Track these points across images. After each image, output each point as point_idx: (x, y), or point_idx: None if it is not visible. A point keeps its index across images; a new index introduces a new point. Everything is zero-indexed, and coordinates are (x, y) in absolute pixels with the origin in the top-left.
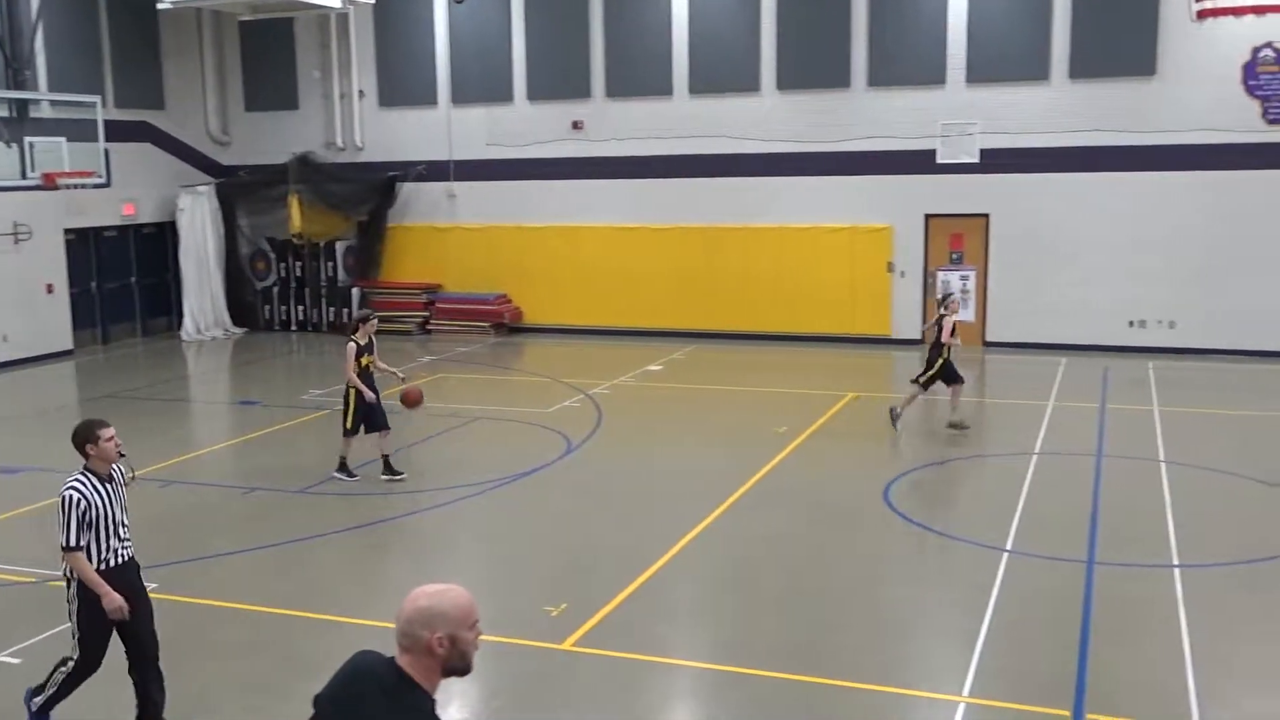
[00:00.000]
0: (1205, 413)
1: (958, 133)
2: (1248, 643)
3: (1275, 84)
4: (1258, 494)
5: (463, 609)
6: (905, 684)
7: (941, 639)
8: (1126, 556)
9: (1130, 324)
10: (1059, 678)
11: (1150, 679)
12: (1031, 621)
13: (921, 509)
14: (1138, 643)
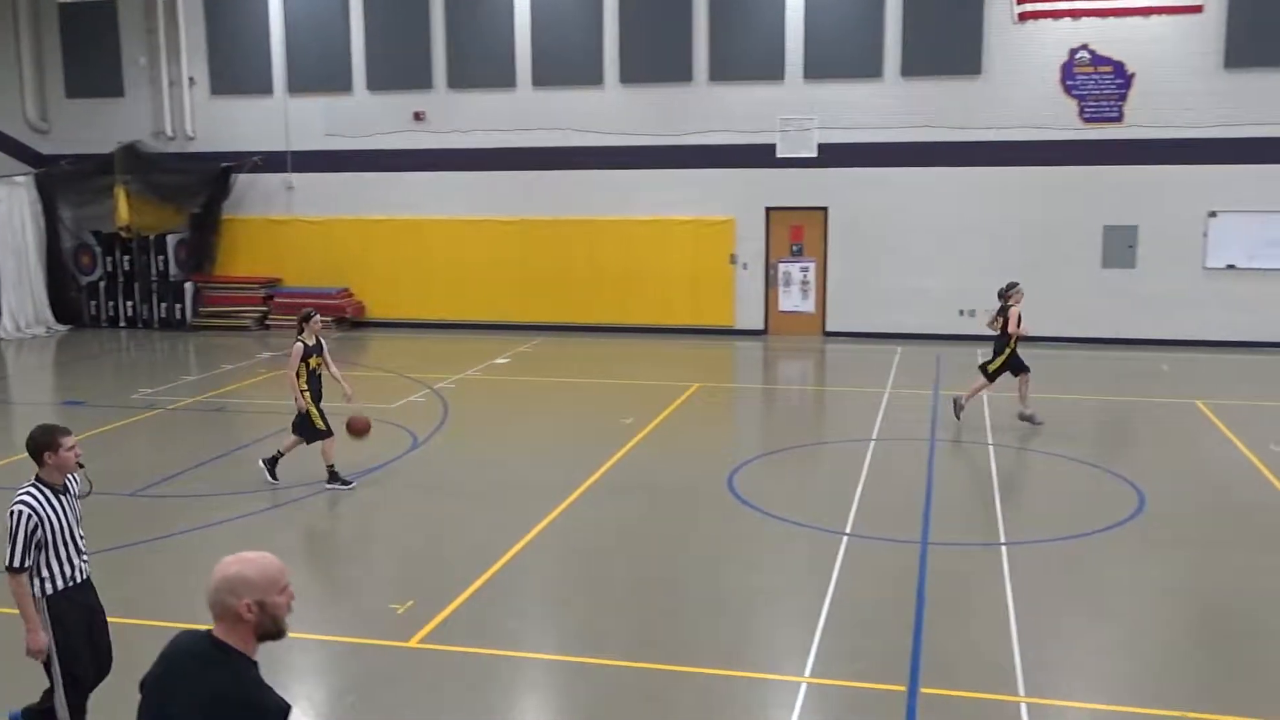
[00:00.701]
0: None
1: (796, 128)
2: (1068, 615)
3: (1091, 84)
4: (1077, 473)
5: (270, 575)
6: (749, 667)
7: (784, 622)
8: (958, 536)
9: (960, 313)
10: (896, 655)
11: (980, 653)
12: (870, 602)
13: (764, 496)
14: (968, 619)
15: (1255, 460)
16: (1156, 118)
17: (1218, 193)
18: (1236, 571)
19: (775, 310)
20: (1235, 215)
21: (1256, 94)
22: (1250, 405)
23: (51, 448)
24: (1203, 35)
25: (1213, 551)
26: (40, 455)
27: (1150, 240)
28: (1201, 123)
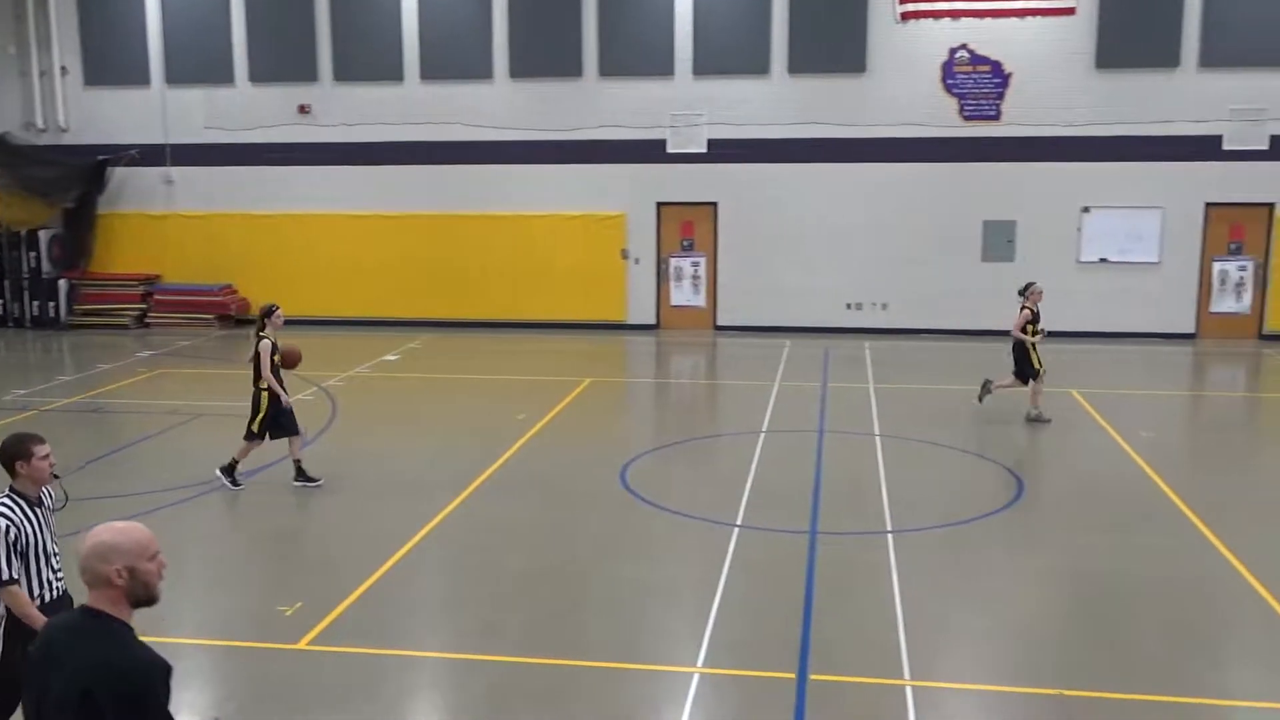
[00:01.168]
0: (913, 388)
1: (686, 123)
2: (951, 599)
3: (970, 83)
4: (959, 462)
5: (139, 542)
6: (642, 659)
7: (677, 614)
8: (845, 525)
9: (848, 306)
10: (786, 643)
11: (867, 638)
12: (760, 592)
13: (657, 489)
14: (856, 606)
15: (1126, 446)
16: (1033, 116)
17: (1090, 189)
18: (1110, 553)
19: (667, 305)
20: (1107, 211)
21: (1126, 94)
22: (1121, 394)
23: (24, 457)
24: (1075, 37)
25: (1087, 534)
26: (12, 465)
27: (1028, 235)
28: (1075, 121)
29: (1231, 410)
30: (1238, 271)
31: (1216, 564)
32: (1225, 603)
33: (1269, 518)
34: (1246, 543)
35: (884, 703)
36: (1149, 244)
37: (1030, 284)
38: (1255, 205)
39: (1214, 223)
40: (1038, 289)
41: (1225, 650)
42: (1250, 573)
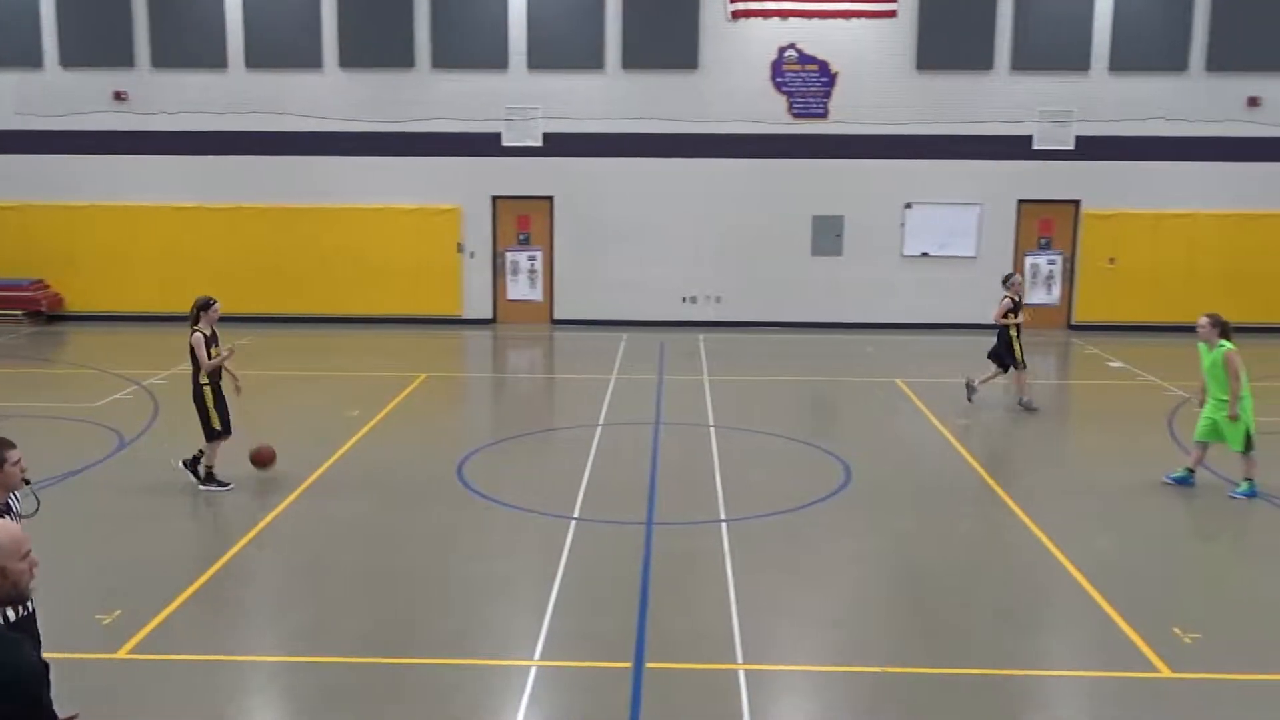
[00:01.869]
0: (746, 379)
1: (521, 116)
2: (783, 585)
3: (799, 81)
4: (790, 451)
5: (13, 539)
6: (479, 655)
7: (514, 608)
8: (681, 515)
9: (683, 300)
10: (622, 633)
11: (702, 626)
12: (597, 583)
13: (494, 484)
14: (691, 594)
15: (947, 433)
16: (858, 115)
17: (913, 186)
18: (931, 534)
19: (503, 299)
20: (928, 207)
21: (945, 94)
22: (941, 382)
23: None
24: (897, 39)
25: (910, 518)
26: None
27: (854, 230)
28: (898, 120)
29: (1042, 397)
30: (1048, 265)
31: (1029, 543)
32: (1037, 580)
33: (1075, 498)
34: (1055, 522)
35: (718, 688)
36: (967, 239)
37: (1010, 275)
38: (1063, 202)
39: (1026, 219)
40: (1017, 280)
41: (1037, 624)
42: (1060, 551)
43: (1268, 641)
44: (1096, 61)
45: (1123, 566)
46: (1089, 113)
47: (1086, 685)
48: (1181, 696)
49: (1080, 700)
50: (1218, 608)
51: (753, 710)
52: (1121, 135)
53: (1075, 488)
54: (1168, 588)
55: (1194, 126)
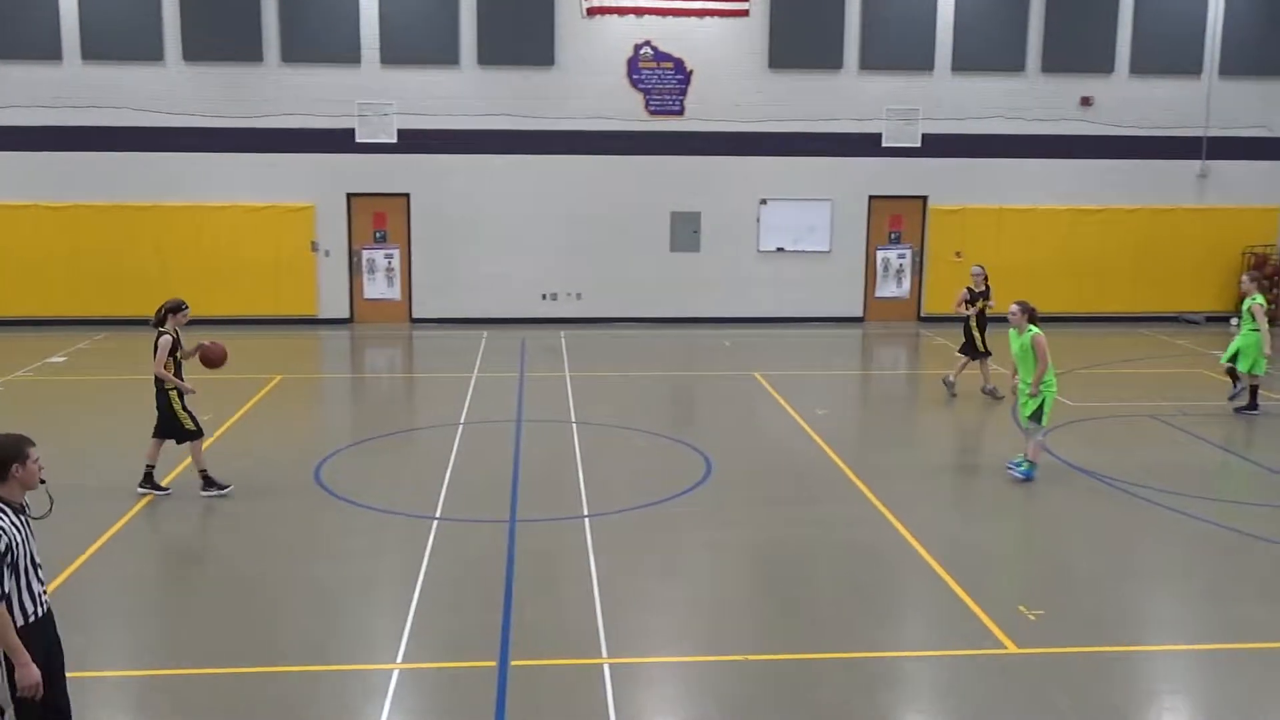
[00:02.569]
0: (607, 375)
1: (375, 113)
2: (647, 578)
3: (655, 79)
4: (652, 445)
5: None
6: (339, 660)
7: (376, 611)
8: (544, 512)
9: (544, 296)
10: (487, 632)
11: (566, 622)
12: (461, 583)
13: (353, 486)
14: (555, 590)
15: (803, 424)
16: (713, 112)
17: (767, 182)
18: (790, 523)
19: (360, 298)
20: (782, 203)
21: (797, 93)
22: (798, 375)
23: (20, 459)
24: (750, 38)
25: (770, 507)
26: (8, 468)
27: (712, 226)
28: (752, 117)
29: (895, 387)
30: (898, 259)
31: (883, 528)
32: (892, 564)
33: (928, 485)
34: (909, 509)
35: (583, 682)
36: (820, 234)
37: (975, 267)
38: (911, 198)
39: (876, 214)
40: (974, 271)
41: (892, 607)
42: (913, 537)
43: (1105, 615)
44: (940, 62)
45: (971, 548)
46: (934, 111)
47: (939, 664)
48: (1027, 671)
49: (933, 678)
50: (1060, 585)
51: (617, 703)
52: (964, 133)
53: (926, 473)
54: (1014, 568)
55: (1031, 125)
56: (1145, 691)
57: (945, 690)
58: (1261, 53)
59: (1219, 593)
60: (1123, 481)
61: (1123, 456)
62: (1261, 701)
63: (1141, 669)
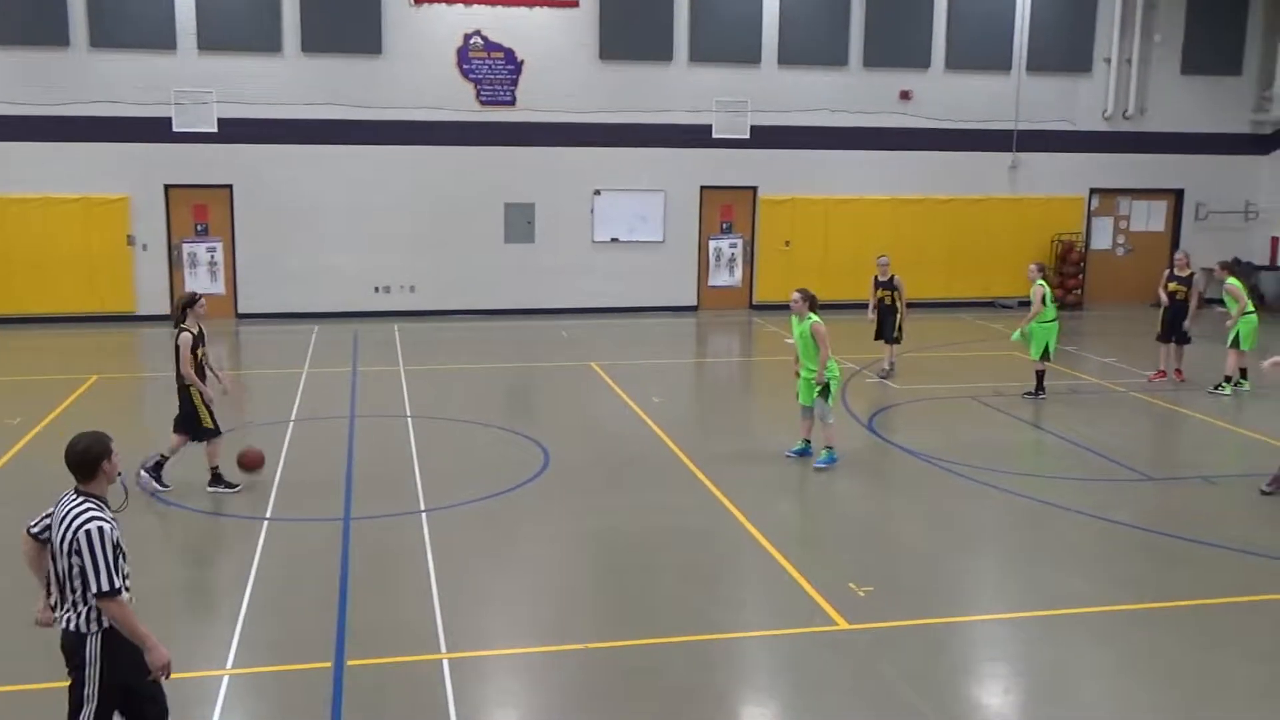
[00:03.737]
0: (443, 368)
1: (193, 100)
2: (486, 571)
3: (485, 69)
4: (489, 438)
5: None
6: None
7: (203, 617)
8: (379, 509)
9: (376, 289)
10: (321, 633)
11: (404, 619)
12: (293, 584)
13: (177, 488)
14: (392, 588)
15: (640, 412)
16: (546, 103)
17: (600, 173)
18: (628, 511)
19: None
20: (616, 193)
21: (628, 84)
22: (634, 364)
23: (109, 454)
24: (580, 28)
25: (609, 496)
26: (99, 465)
27: (546, 217)
28: (584, 109)
29: (729, 374)
30: (729, 249)
31: (720, 514)
32: (729, 549)
33: (761, 469)
34: (743, 493)
35: (422, 679)
36: (654, 224)
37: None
38: (741, 188)
39: (708, 204)
40: (879, 261)
41: (729, 589)
42: (748, 520)
43: (928, 589)
44: (767, 55)
45: (804, 530)
46: (762, 104)
47: (775, 643)
48: (857, 645)
49: (769, 657)
50: (887, 562)
51: (457, 699)
52: (792, 125)
53: (760, 458)
54: (844, 547)
55: (854, 118)
56: (967, 660)
57: (781, 668)
58: (1064, 50)
59: (1033, 562)
60: (945, 460)
61: (944, 436)
62: (1073, 664)
63: (964, 638)
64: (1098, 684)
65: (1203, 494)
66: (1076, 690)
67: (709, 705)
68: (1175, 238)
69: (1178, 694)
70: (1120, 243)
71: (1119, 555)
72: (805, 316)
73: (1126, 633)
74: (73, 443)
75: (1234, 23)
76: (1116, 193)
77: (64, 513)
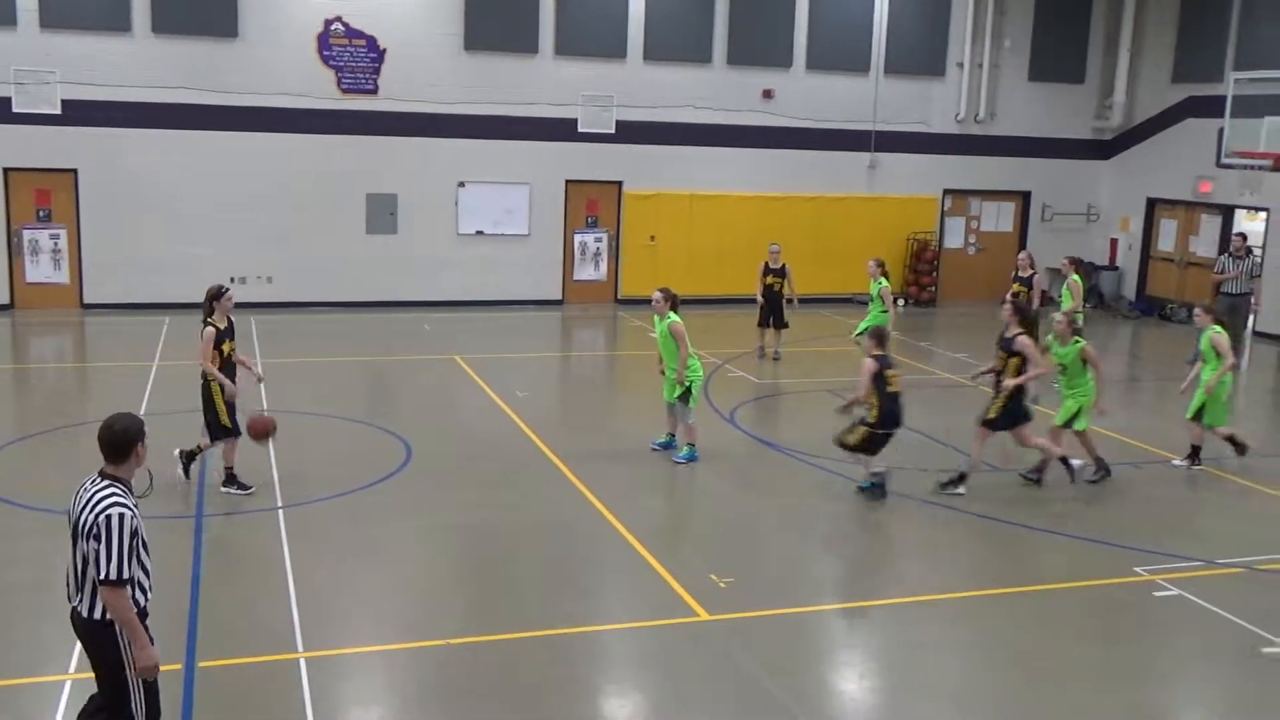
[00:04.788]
0: (302, 361)
1: (35, 80)
2: (345, 568)
3: (347, 56)
4: (349, 432)
5: None
6: (7, 674)
7: (45, 619)
8: (234, 505)
9: (232, 280)
10: (172, 633)
11: (259, 618)
12: None
13: (17, 486)
14: (246, 587)
15: (504, 406)
16: (409, 92)
17: (465, 165)
18: (491, 505)
19: (22, 282)
20: (481, 185)
21: (493, 76)
22: (499, 358)
23: (142, 437)
24: (444, 17)
25: (471, 490)
26: (132, 448)
27: (409, 208)
28: (448, 99)
29: (594, 368)
30: (595, 243)
31: (583, 508)
32: (592, 542)
33: (623, 463)
34: (606, 487)
35: (277, 679)
36: (519, 217)
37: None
38: (607, 183)
39: (574, 198)
40: (771, 248)
41: (593, 584)
42: (611, 513)
43: (785, 580)
44: (632, 51)
45: (666, 523)
46: (627, 99)
47: (636, 635)
48: (717, 635)
49: (630, 649)
50: (746, 554)
51: (314, 698)
52: (657, 121)
53: (622, 451)
54: (705, 539)
55: (718, 115)
56: (823, 647)
57: (642, 660)
58: (920, 54)
59: (885, 552)
60: (802, 453)
61: (801, 430)
62: (923, 649)
63: (819, 627)
64: (946, 668)
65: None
66: (926, 674)
67: (571, 698)
68: (1023, 238)
69: (1020, 675)
70: (971, 242)
71: (963, 543)
72: (665, 315)
73: (971, 618)
74: (109, 422)
75: (1077, 34)
76: (968, 194)
77: (88, 496)
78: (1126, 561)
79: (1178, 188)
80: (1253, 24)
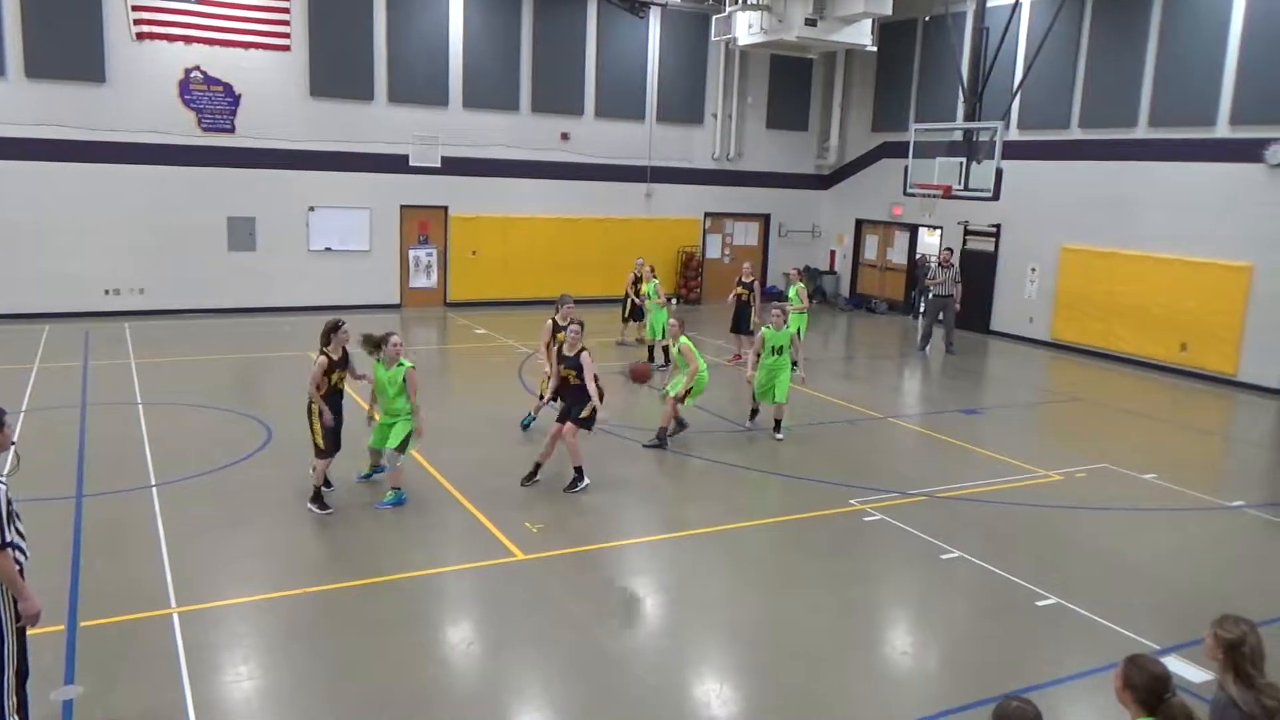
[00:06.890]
0: (174, 360)
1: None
2: (214, 534)
3: (206, 99)
4: (216, 419)
5: None
6: None
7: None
8: (111, 486)
9: (106, 292)
10: (53, 598)
11: (135, 581)
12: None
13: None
14: (123, 555)
15: (353, 393)
16: (263, 131)
17: (315, 192)
18: (346, 476)
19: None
20: (328, 210)
21: (336, 118)
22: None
23: (2, 425)
24: (292, 69)
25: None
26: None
27: (267, 229)
28: (297, 138)
29: (427, 357)
30: (426, 257)
31: (420, 474)
32: (428, 501)
33: (452, 433)
34: (439, 454)
35: (153, 631)
36: (361, 236)
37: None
38: (435, 207)
39: (407, 220)
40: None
41: (430, 535)
42: (443, 478)
43: (588, 525)
44: (454, 99)
45: (489, 484)
46: (451, 139)
47: (466, 575)
48: (530, 572)
49: (461, 587)
50: (556, 506)
51: (187, 646)
52: (476, 157)
53: (452, 424)
54: (521, 495)
55: (525, 152)
56: (617, 575)
57: (472, 596)
58: (684, 106)
59: (670, 498)
60: (603, 425)
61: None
62: (698, 570)
63: (615, 559)
64: (715, 582)
65: (759, 440)
66: (701, 589)
67: (414, 630)
68: (765, 249)
69: (771, 584)
70: (726, 253)
71: (729, 487)
72: (394, 364)
73: (733, 545)
74: None
75: (802, 93)
76: (723, 216)
77: None
78: (844, 496)
79: (878, 211)
80: (928, 88)
